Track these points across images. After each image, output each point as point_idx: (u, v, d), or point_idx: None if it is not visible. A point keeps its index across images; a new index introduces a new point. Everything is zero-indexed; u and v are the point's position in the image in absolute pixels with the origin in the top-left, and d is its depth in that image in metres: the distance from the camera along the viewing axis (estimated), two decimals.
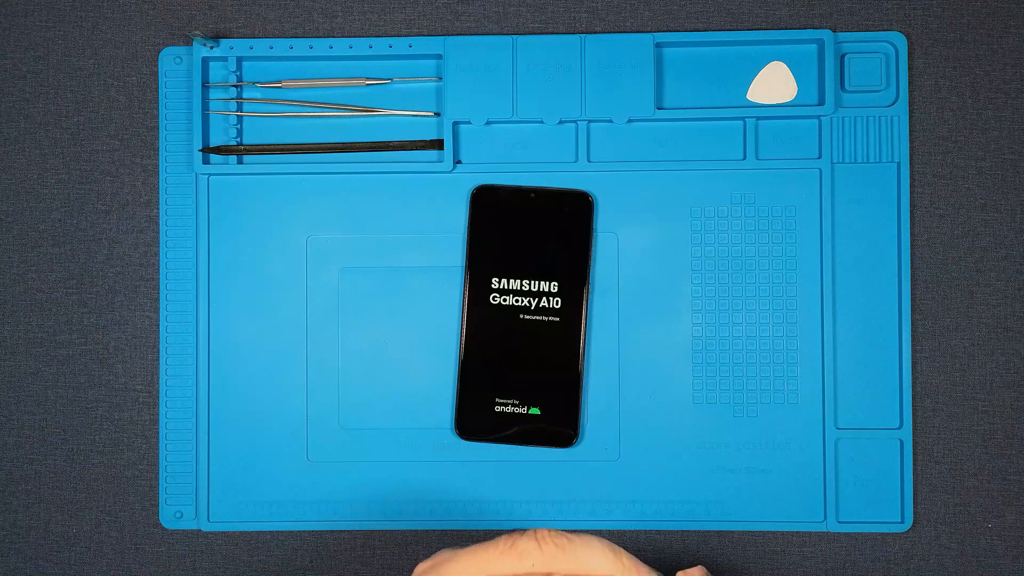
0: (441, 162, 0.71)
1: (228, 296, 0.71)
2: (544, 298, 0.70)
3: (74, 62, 0.72)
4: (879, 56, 0.71)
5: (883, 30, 0.71)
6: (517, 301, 0.70)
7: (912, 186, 0.71)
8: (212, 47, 0.71)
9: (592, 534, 0.57)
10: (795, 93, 0.71)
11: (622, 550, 0.57)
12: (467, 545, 0.57)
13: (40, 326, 0.72)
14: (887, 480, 0.70)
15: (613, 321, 0.71)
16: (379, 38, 0.71)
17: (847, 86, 0.71)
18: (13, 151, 0.72)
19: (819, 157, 0.71)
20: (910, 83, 0.71)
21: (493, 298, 0.70)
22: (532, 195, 0.70)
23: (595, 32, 0.72)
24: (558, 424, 0.70)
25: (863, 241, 0.71)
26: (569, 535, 0.56)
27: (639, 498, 0.70)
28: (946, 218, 0.71)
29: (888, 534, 0.71)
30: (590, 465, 0.70)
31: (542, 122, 0.70)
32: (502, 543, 0.56)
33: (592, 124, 0.71)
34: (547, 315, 0.70)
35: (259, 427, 0.71)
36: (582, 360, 0.70)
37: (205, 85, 0.71)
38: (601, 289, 0.71)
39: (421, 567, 0.57)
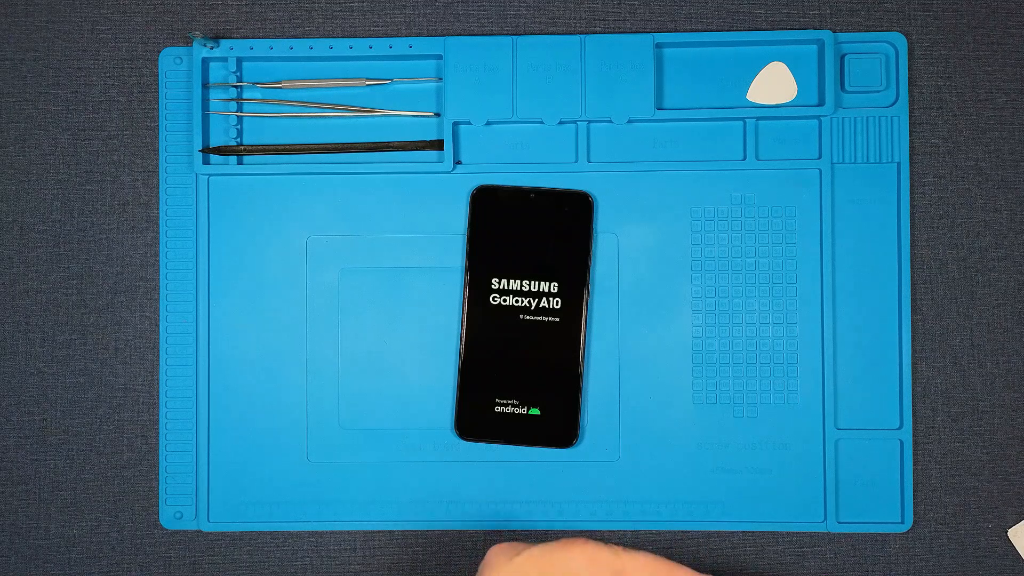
0: (441, 162, 0.71)
1: (228, 296, 0.71)
2: (544, 298, 0.70)
3: (74, 62, 0.72)
4: (879, 56, 0.71)
5: (883, 30, 0.71)
6: (517, 301, 0.70)
7: (912, 186, 0.71)
8: (212, 47, 0.71)
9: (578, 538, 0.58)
10: (795, 93, 0.71)
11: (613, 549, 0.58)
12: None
13: (40, 326, 0.72)
14: (887, 480, 0.70)
15: (613, 321, 0.71)
16: (379, 38, 0.71)
17: (847, 86, 0.71)
18: (13, 151, 0.72)
19: (819, 157, 0.71)
20: (910, 83, 0.71)
21: (493, 299, 0.70)
22: (532, 195, 0.70)
23: (595, 32, 0.72)
24: (558, 424, 0.70)
25: (863, 241, 0.70)
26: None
27: (639, 498, 0.70)
28: (946, 218, 0.71)
29: (888, 534, 0.71)
30: (590, 465, 0.70)
31: (542, 122, 0.70)
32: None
33: (592, 124, 0.71)
34: (547, 315, 0.70)
35: (259, 427, 0.71)
36: (582, 360, 0.70)
37: (205, 85, 0.71)
38: (601, 289, 0.71)
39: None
